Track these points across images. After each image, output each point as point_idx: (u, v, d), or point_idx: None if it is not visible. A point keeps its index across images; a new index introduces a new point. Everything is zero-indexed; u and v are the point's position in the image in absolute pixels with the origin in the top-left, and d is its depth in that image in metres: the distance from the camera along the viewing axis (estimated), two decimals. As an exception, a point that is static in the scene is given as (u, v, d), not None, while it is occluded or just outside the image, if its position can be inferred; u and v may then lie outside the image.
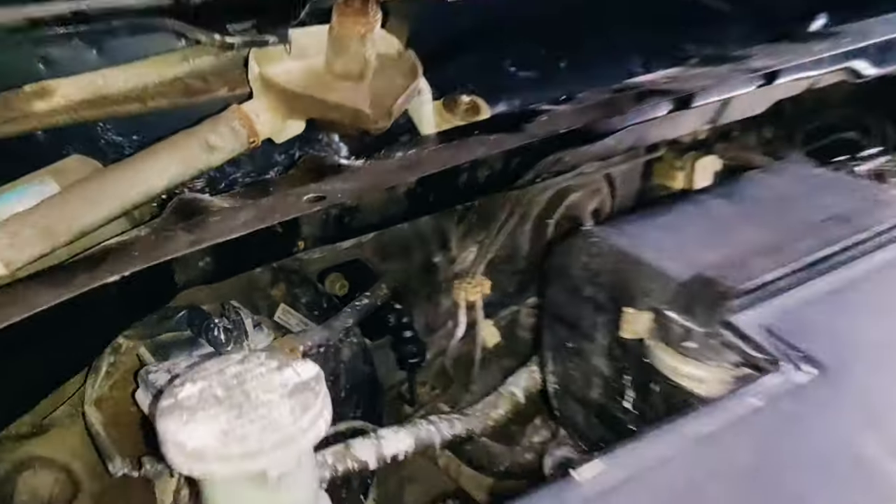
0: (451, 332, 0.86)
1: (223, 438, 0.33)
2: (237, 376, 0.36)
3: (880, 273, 0.43)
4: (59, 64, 0.50)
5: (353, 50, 0.54)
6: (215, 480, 0.35)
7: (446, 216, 0.86)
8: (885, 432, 0.35)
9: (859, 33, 0.86)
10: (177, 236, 0.42)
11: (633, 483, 0.32)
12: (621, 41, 0.82)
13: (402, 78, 0.57)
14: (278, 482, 0.35)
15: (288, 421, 0.34)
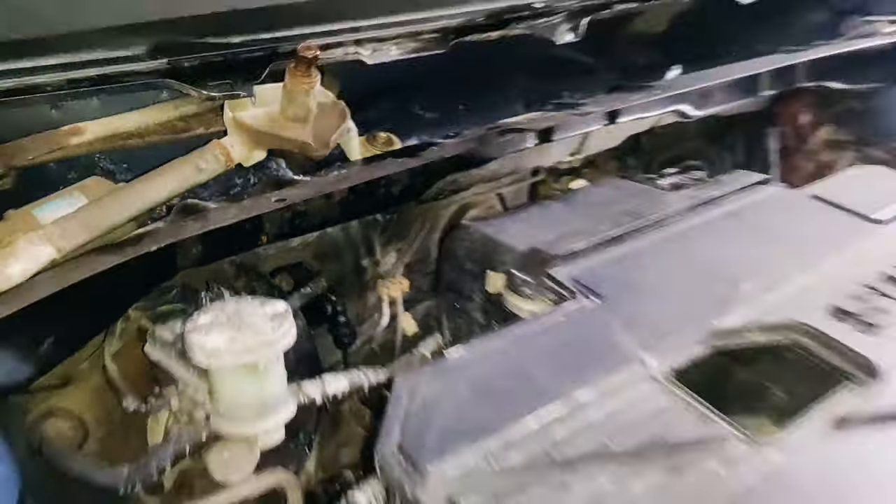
0: (377, 323, 1.07)
1: (229, 342, 0.53)
2: (235, 310, 0.57)
3: (652, 245, 0.67)
4: (89, 109, 0.70)
5: (300, 100, 0.75)
6: (224, 370, 0.55)
7: (371, 227, 1.07)
8: (637, 334, 0.58)
9: (690, 82, 1.11)
10: (187, 225, 0.62)
11: (482, 359, 0.54)
12: (509, 89, 1.05)
13: (335, 119, 0.78)
14: (264, 370, 0.55)
15: (269, 331, 0.54)
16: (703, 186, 0.81)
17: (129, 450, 0.75)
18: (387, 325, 1.03)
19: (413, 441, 0.46)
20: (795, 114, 1.29)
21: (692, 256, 0.67)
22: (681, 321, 0.58)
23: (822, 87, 1.23)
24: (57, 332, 0.65)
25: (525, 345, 0.55)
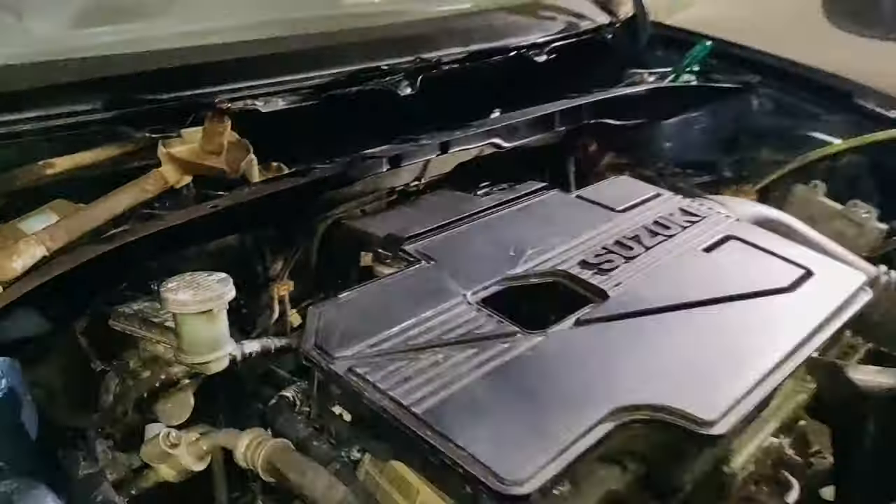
0: (269, 317, 1.34)
1: (193, 296, 0.81)
2: (192, 278, 0.84)
3: (469, 229, 1.00)
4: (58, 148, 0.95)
5: (215, 139, 1.03)
6: (189, 317, 0.81)
7: (262, 240, 1.34)
8: (459, 280, 0.90)
9: (500, 120, 1.46)
10: (146, 225, 0.89)
11: (362, 296, 0.84)
12: (369, 128, 1.35)
13: (241, 153, 1.07)
14: (216, 315, 0.82)
15: (219, 288, 0.82)
16: (504, 192, 1.16)
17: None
18: (276, 318, 1.30)
19: (324, 341, 0.76)
20: (586, 145, 1.68)
21: (496, 236, 1.00)
22: (487, 272, 0.91)
23: (604, 124, 1.63)
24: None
25: (389, 288, 0.86)
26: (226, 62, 1.03)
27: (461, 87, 1.44)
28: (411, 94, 1.24)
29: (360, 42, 1.28)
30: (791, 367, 0.84)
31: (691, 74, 1.74)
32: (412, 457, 0.71)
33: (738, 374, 0.79)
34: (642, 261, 0.97)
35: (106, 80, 0.92)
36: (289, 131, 1.13)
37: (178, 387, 0.93)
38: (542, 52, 1.56)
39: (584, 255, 0.97)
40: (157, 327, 0.90)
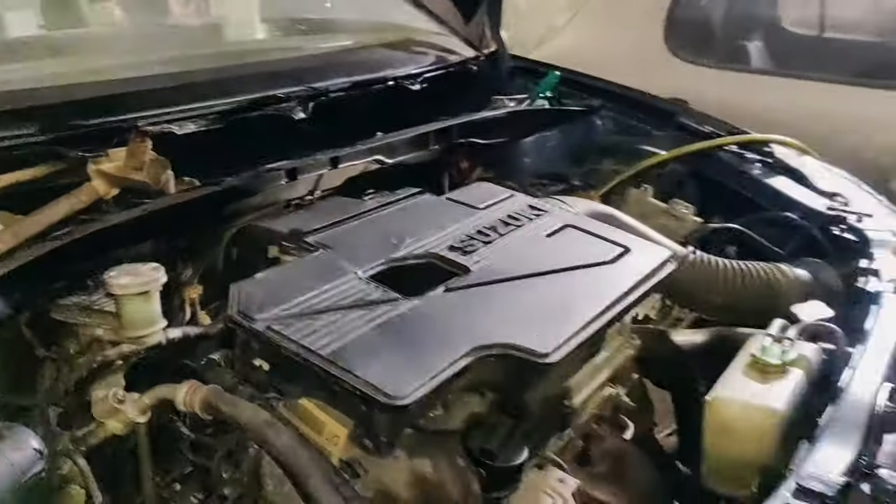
0: (182, 318, 1.51)
1: (132, 280, 0.99)
2: (131, 266, 1.02)
3: (359, 224, 1.23)
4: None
5: (138, 157, 1.21)
6: (129, 298, 0.99)
7: (174, 248, 1.51)
8: (352, 262, 1.11)
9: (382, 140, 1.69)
10: (87, 226, 1.06)
11: (274, 275, 1.05)
12: (270, 146, 1.55)
13: (160, 169, 1.25)
14: (151, 296, 1.00)
15: (153, 273, 1.00)
16: (386, 197, 1.39)
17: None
18: (189, 319, 1.48)
19: (245, 308, 0.96)
20: (458, 160, 1.94)
21: (381, 229, 1.23)
22: (374, 256, 1.14)
23: (471, 142, 1.89)
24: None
25: (295, 269, 1.07)
26: (147, 92, 1.22)
27: (348, 112, 1.67)
28: (304, 118, 1.45)
29: (259, 73, 1.50)
30: (610, 316, 1.10)
31: (544, 100, 2.03)
32: (320, 390, 0.92)
33: (568, 320, 1.04)
34: (497, 244, 1.22)
35: (44, 107, 1.10)
36: (201, 150, 1.32)
37: (112, 368, 1.10)
38: (416, 81, 1.81)
39: (451, 242, 1.20)
40: (96, 313, 1.08)
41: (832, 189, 1.71)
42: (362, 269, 1.10)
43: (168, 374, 1.20)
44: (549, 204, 1.41)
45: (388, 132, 1.68)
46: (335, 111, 1.56)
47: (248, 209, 1.40)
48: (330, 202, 1.39)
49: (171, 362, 1.22)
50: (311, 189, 1.52)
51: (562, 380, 1.10)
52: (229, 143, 1.37)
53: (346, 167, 1.53)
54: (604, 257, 1.23)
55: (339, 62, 1.70)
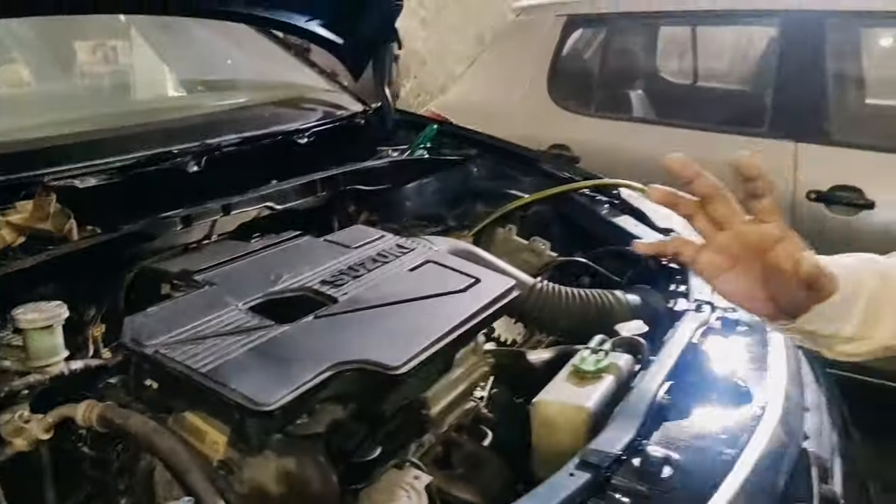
0: (86, 354, 1.65)
1: (39, 315, 1.14)
2: (37, 304, 1.17)
3: (245, 263, 1.42)
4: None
5: (43, 209, 1.37)
6: (35, 329, 1.15)
7: (77, 290, 1.66)
8: (234, 295, 1.30)
9: (272, 188, 1.89)
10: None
11: (164, 308, 1.22)
12: (164, 198, 1.73)
13: (63, 219, 1.41)
14: (55, 329, 1.16)
15: (57, 310, 1.16)
16: (270, 239, 1.58)
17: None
18: (92, 355, 1.62)
19: (137, 336, 1.13)
20: (346, 206, 2.15)
21: (262, 267, 1.42)
22: (254, 290, 1.32)
23: (358, 189, 2.11)
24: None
25: (183, 303, 1.25)
26: (53, 149, 1.38)
27: (239, 165, 1.87)
28: (197, 171, 1.64)
29: (157, 131, 1.68)
30: (456, 335, 1.31)
31: (423, 150, 2.27)
32: (201, 403, 1.09)
33: (418, 339, 1.25)
34: (364, 278, 1.43)
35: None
36: (102, 202, 1.49)
37: (19, 397, 1.24)
38: (304, 135, 2.02)
39: (324, 277, 1.40)
40: (4, 347, 1.23)
41: (667, 226, 1.99)
42: (242, 302, 1.28)
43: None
44: (415, 243, 1.63)
45: (281, 181, 1.88)
46: (226, 164, 1.75)
47: (147, 254, 1.57)
48: (219, 245, 1.57)
49: (73, 393, 1.38)
50: (207, 234, 1.70)
51: (416, 391, 1.31)
52: (129, 195, 1.54)
53: (238, 213, 1.72)
54: (456, 287, 1.45)
55: (232, 119, 1.89)
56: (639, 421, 1.13)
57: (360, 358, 1.17)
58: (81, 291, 1.52)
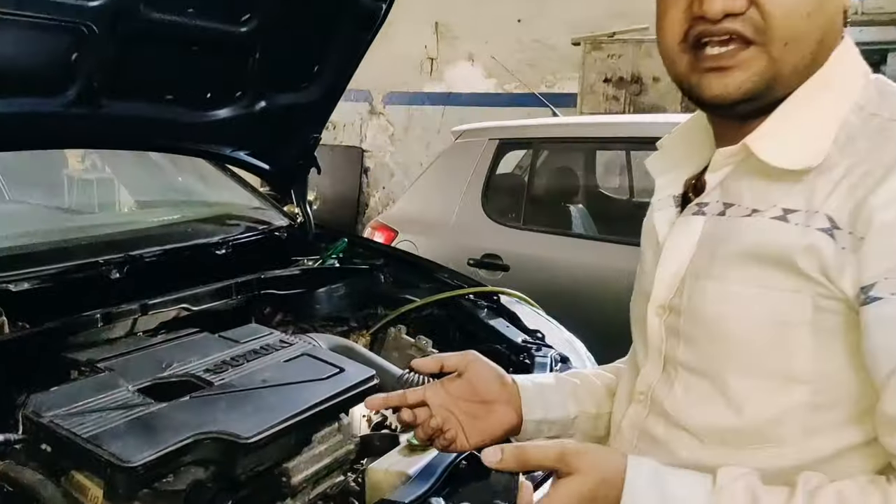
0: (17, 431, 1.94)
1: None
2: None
3: (143, 353, 1.73)
4: None
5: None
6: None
7: (11, 377, 1.96)
8: (128, 379, 1.60)
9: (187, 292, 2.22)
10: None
11: (68, 389, 1.52)
12: (91, 301, 2.06)
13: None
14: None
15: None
16: (174, 334, 1.90)
17: None
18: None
19: (37, 409, 1.43)
20: (262, 308, 2.47)
21: (158, 357, 1.73)
22: (146, 376, 1.63)
23: (272, 293, 2.43)
24: None
25: (83, 385, 1.55)
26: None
27: (162, 272, 2.20)
28: (119, 277, 1.97)
29: (87, 245, 2.02)
30: (309, 413, 1.61)
31: (334, 260, 2.62)
32: (84, 462, 1.38)
33: (274, 415, 1.55)
34: (243, 367, 1.73)
35: None
36: (32, 303, 1.81)
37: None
38: (223, 247, 2.37)
39: (207, 366, 1.71)
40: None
41: (535, 327, 2.32)
42: (133, 384, 1.59)
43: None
44: (297, 339, 1.95)
45: (202, 286, 2.21)
46: (148, 272, 2.08)
47: (72, 347, 1.88)
48: (130, 339, 1.88)
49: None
50: (129, 332, 2.02)
51: (271, 460, 1.59)
52: (57, 297, 1.86)
53: (156, 314, 2.04)
54: (320, 375, 1.76)
55: (159, 234, 2.24)
56: (433, 479, 1.42)
57: (218, 429, 1.47)
58: (12, 380, 1.83)
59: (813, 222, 0.82)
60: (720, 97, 0.87)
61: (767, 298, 0.85)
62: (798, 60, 0.85)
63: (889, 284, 0.75)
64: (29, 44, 1.66)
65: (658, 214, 1.03)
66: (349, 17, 2.27)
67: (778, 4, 0.82)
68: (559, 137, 4.42)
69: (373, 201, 8.46)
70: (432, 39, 8.09)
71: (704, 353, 0.92)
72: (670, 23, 0.88)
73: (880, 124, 0.85)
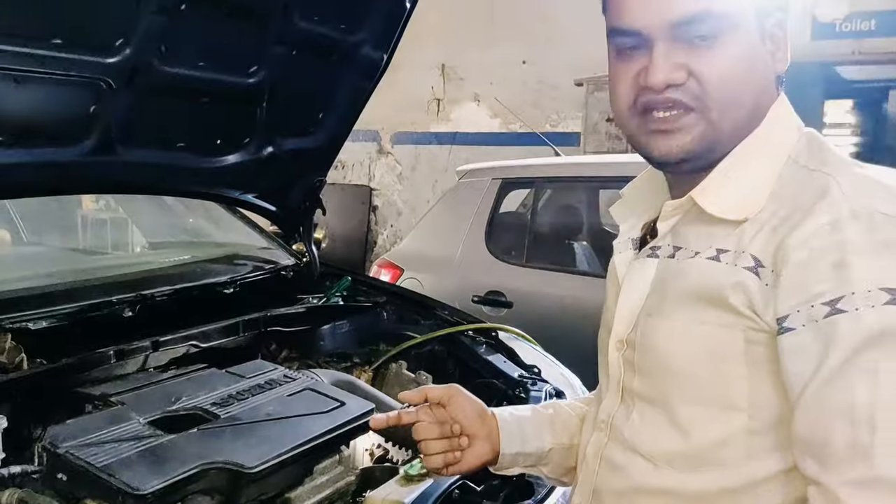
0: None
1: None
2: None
3: (164, 386, 1.82)
4: None
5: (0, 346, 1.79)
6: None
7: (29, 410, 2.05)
8: (139, 411, 1.69)
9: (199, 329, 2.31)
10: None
11: (81, 420, 1.61)
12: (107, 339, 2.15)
13: (16, 353, 1.83)
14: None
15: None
16: (183, 370, 1.99)
17: None
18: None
19: (53, 439, 1.52)
20: (268, 344, 2.56)
21: (167, 391, 1.82)
22: (156, 409, 1.72)
23: (278, 330, 2.52)
24: None
25: (97, 417, 1.64)
26: (10, 300, 1.82)
27: (173, 310, 2.30)
28: (131, 315, 2.07)
29: (101, 285, 2.12)
30: (311, 445, 1.69)
31: (338, 298, 2.71)
32: (97, 490, 1.47)
33: (276, 446, 1.63)
34: (249, 401, 1.82)
35: None
36: (50, 340, 1.91)
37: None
38: (232, 286, 2.47)
39: (215, 400, 1.80)
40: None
41: (532, 363, 2.40)
42: (144, 417, 1.68)
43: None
44: (300, 374, 2.03)
45: (209, 323, 2.30)
46: (159, 310, 2.18)
47: (87, 382, 1.97)
48: (140, 374, 1.97)
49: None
50: (141, 367, 2.11)
51: (274, 489, 1.67)
52: (73, 335, 1.96)
53: (166, 350, 2.13)
54: (322, 409, 1.84)
55: (170, 274, 2.35)
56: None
57: (224, 459, 1.55)
58: (30, 413, 1.92)
59: (740, 261, 0.91)
60: (665, 156, 0.97)
61: (706, 333, 0.94)
62: (734, 123, 0.95)
63: (800, 316, 0.84)
64: (51, 98, 1.78)
65: (619, 256, 1.13)
66: (352, 66, 2.39)
67: (713, 75, 0.92)
68: (560, 177, 4.53)
69: (381, 239, 8.58)
70: (439, 81, 8.27)
71: (656, 384, 1.01)
72: (622, 91, 0.98)
73: (806, 174, 0.94)
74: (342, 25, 2.23)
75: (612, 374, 1.09)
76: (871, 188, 0.90)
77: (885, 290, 0.82)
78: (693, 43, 0.92)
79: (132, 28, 1.74)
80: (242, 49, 2.06)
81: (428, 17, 7.02)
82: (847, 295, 0.83)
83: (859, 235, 0.84)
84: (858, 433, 0.81)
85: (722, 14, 0.91)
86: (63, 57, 1.67)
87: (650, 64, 0.93)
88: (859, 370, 0.83)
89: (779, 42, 0.97)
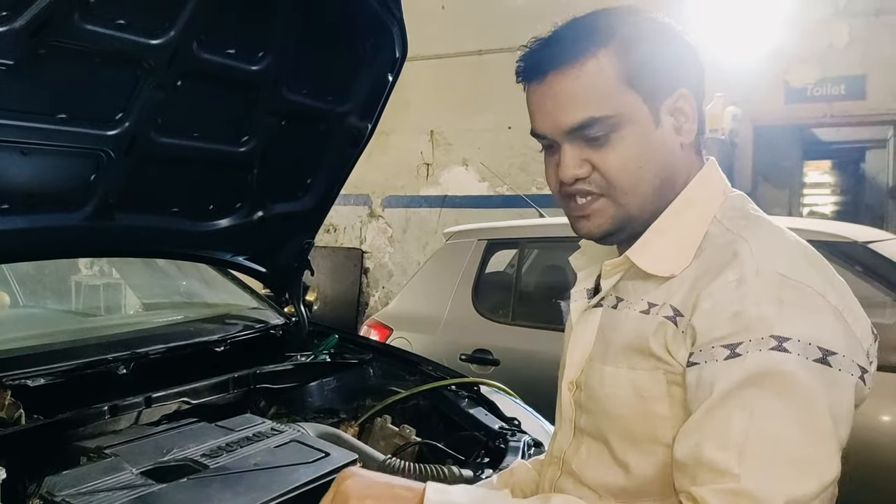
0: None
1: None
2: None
3: (157, 439, 1.90)
4: None
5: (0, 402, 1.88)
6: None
7: (23, 466, 2.11)
8: (132, 464, 1.77)
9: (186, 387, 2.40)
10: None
11: (71, 472, 1.69)
12: (102, 398, 2.24)
13: (14, 409, 1.91)
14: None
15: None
16: (174, 423, 2.07)
17: None
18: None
19: (51, 489, 1.60)
20: (257, 401, 2.64)
21: (159, 444, 1.90)
22: (148, 461, 1.80)
23: (267, 387, 2.61)
24: None
25: (92, 467, 1.72)
26: (11, 359, 1.92)
27: (165, 368, 2.39)
28: (125, 373, 2.16)
29: (97, 344, 2.22)
30: (294, 493, 1.76)
31: (325, 355, 2.80)
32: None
33: (261, 494, 1.71)
34: (237, 452, 1.90)
35: None
36: (47, 396, 2.00)
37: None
38: (223, 344, 2.56)
39: (204, 451, 1.88)
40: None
41: (512, 415, 2.48)
42: (137, 468, 1.76)
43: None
44: (288, 427, 2.12)
45: (201, 381, 2.39)
46: (152, 368, 2.27)
47: (83, 437, 2.05)
48: (133, 428, 2.06)
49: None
50: (135, 422, 2.19)
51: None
52: (70, 392, 2.05)
53: (158, 406, 2.22)
54: (307, 459, 1.92)
55: (163, 333, 2.44)
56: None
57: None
58: (28, 466, 1.99)
59: (662, 311, 1.04)
60: (588, 236, 1.14)
61: (635, 377, 1.07)
62: (641, 201, 1.08)
63: (702, 355, 0.97)
64: (54, 167, 1.91)
65: (574, 304, 1.26)
66: (339, 135, 2.54)
67: (612, 167, 1.06)
68: (544, 237, 4.67)
69: (372, 300, 8.67)
70: (428, 146, 8.50)
71: (599, 423, 1.13)
72: (550, 180, 1.15)
73: (725, 235, 1.07)
74: (329, 97, 2.39)
75: (565, 412, 1.21)
76: (776, 251, 1.02)
77: (774, 337, 0.94)
78: (590, 142, 1.05)
79: (132, 102, 1.89)
80: (235, 120, 2.20)
81: (416, 86, 7.28)
82: (744, 341, 0.95)
83: (759, 291, 0.97)
84: (729, 458, 0.92)
85: (605, 117, 1.04)
86: (67, 130, 1.80)
87: (560, 162, 1.09)
88: (737, 404, 0.94)
89: (685, 114, 1.10)
